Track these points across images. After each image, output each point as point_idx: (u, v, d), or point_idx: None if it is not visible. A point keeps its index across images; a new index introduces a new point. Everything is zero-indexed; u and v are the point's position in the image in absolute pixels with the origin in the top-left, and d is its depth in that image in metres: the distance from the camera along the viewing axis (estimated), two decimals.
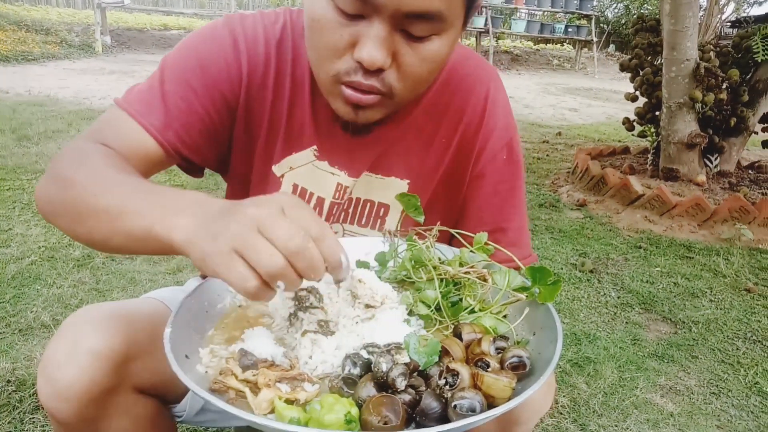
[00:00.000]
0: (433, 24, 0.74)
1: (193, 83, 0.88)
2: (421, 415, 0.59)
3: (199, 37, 0.92)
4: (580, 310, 2.43)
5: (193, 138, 0.90)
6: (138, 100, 0.88)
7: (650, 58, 4.29)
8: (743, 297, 2.66)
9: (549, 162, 5.03)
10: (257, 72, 0.92)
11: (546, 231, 3.34)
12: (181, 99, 0.88)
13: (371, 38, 0.73)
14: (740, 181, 4.04)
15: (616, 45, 17.24)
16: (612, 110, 8.75)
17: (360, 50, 0.74)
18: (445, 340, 0.69)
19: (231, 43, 0.90)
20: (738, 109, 3.87)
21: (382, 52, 0.74)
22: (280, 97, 0.94)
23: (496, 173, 0.99)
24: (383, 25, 0.73)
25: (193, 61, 0.89)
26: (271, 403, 0.59)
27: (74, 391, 0.72)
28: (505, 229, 0.97)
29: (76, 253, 2.51)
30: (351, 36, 0.75)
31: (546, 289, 0.76)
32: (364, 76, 0.78)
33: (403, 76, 0.79)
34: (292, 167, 0.97)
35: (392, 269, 0.89)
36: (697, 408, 1.85)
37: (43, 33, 9.67)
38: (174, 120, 0.87)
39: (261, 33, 0.92)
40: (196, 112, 0.89)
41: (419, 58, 0.78)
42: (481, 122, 0.97)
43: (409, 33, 0.75)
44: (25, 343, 1.85)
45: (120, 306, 0.85)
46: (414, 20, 0.73)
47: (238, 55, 0.90)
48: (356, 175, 0.98)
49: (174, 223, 0.64)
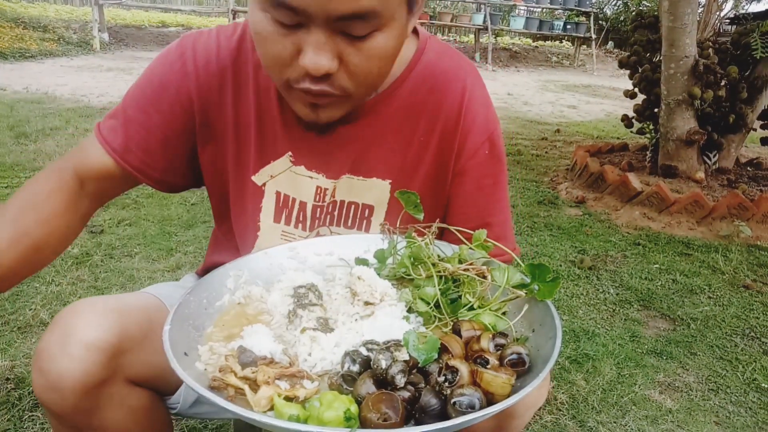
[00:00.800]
0: (370, 22, 0.74)
1: (147, 108, 0.93)
2: (420, 412, 0.59)
3: (155, 62, 0.96)
4: (579, 307, 2.43)
5: (157, 160, 0.95)
6: (107, 126, 0.94)
7: (649, 55, 4.28)
8: (741, 294, 2.67)
9: (548, 159, 5.03)
10: (211, 90, 0.94)
11: (545, 228, 3.34)
12: (139, 125, 0.92)
13: (312, 45, 0.74)
14: (739, 178, 4.05)
15: (614, 42, 17.22)
16: (611, 107, 8.75)
17: (303, 58, 0.75)
18: (445, 337, 0.69)
19: (180, 67, 0.93)
20: (737, 105, 3.87)
21: (325, 57, 0.75)
22: (244, 109, 0.95)
23: (479, 168, 0.99)
24: (321, 31, 0.74)
25: (148, 87, 0.94)
26: (270, 401, 0.59)
27: (68, 382, 0.73)
28: (491, 223, 0.97)
29: (74, 251, 2.51)
30: (293, 44, 0.76)
31: (545, 286, 0.76)
32: (313, 81, 0.78)
33: (352, 75, 0.79)
34: (272, 175, 0.98)
35: (391, 266, 0.89)
36: (696, 404, 1.85)
37: (41, 30, 9.64)
38: (134, 144, 0.92)
39: (213, 50, 0.94)
40: (155, 136, 0.93)
41: (365, 56, 0.78)
42: (459, 118, 0.97)
43: (349, 34, 0.75)
44: (23, 341, 1.85)
45: (114, 299, 0.86)
46: (349, 21, 0.73)
47: (186, 77, 0.92)
48: (335, 177, 0.98)
49: None
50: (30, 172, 3.43)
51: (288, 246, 0.93)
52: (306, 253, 0.93)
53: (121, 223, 2.87)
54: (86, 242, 2.61)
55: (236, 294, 0.82)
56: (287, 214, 1.00)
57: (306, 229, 1.00)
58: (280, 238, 1.00)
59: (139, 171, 0.94)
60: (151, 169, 0.95)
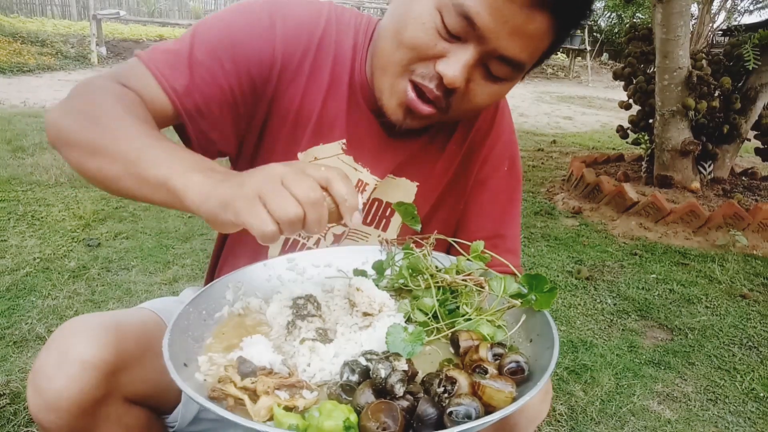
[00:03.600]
0: (510, 70, 0.82)
1: (222, 57, 0.86)
2: (417, 421, 0.59)
3: (236, 13, 0.90)
4: (577, 318, 2.43)
5: (213, 111, 0.88)
6: (164, 60, 0.85)
7: (643, 66, 4.32)
8: (738, 303, 2.67)
9: (544, 170, 5.05)
10: (293, 59, 0.91)
11: (542, 238, 3.35)
12: (207, 70, 0.86)
13: (460, 60, 0.79)
14: (734, 188, 4.07)
15: (609, 53, 17.35)
16: (606, 118, 8.80)
17: (446, 66, 0.79)
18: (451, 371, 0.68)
19: (268, 26, 0.89)
20: (730, 116, 3.90)
21: (463, 75, 0.80)
22: (316, 89, 0.94)
23: (498, 182, 1.04)
24: (475, 53, 0.79)
25: (225, 36, 0.87)
26: (270, 411, 0.59)
27: (64, 401, 0.72)
28: (504, 235, 1.01)
29: (71, 265, 2.50)
30: (442, 50, 0.79)
31: (542, 296, 0.77)
32: (437, 86, 0.82)
33: (465, 101, 0.85)
34: (317, 157, 0.98)
35: (390, 277, 0.90)
36: (694, 415, 1.85)
37: (39, 44, 9.68)
38: (196, 89, 0.86)
39: (306, 21, 0.92)
40: (221, 87, 0.87)
41: (486, 93, 0.85)
42: (491, 129, 1.03)
43: (488, 70, 0.82)
44: (19, 355, 1.84)
45: (110, 316, 0.85)
46: (499, 61, 0.80)
47: (273, 39, 0.89)
48: (381, 176, 1.00)
49: (191, 179, 0.66)
50: (27, 186, 3.43)
51: (287, 257, 0.93)
52: (304, 265, 0.93)
53: (118, 236, 2.87)
54: (83, 255, 2.61)
55: (235, 305, 0.83)
56: None
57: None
58: None
59: (191, 118, 0.87)
60: (202, 118, 0.88)
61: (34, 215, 3.02)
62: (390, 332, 0.70)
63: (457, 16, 0.76)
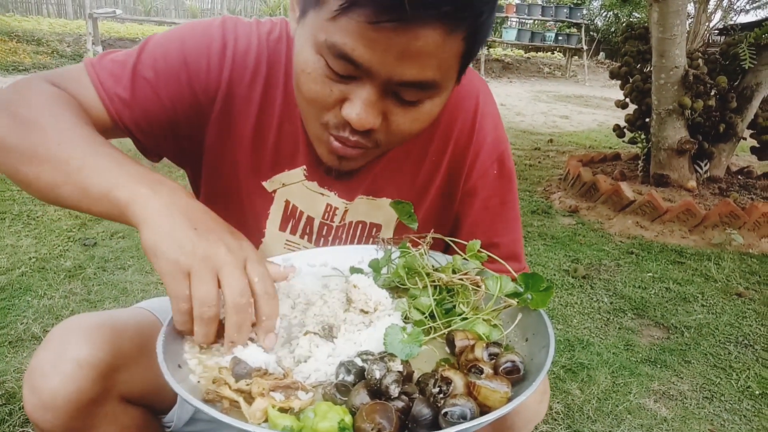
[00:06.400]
0: (425, 91, 0.73)
1: (168, 74, 0.85)
2: (412, 422, 0.59)
3: (190, 31, 0.88)
4: (573, 316, 2.44)
5: (152, 127, 0.86)
6: (108, 70, 0.84)
7: (639, 65, 4.33)
8: (734, 301, 2.68)
9: (541, 169, 5.05)
10: (242, 83, 0.89)
11: (538, 237, 3.35)
12: (150, 86, 0.84)
13: (362, 100, 0.71)
14: (730, 187, 4.08)
15: (606, 53, 17.39)
16: (602, 117, 8.81)
17: (349, 110, 0.72)
18: (446, 371, 0.68)
19: (219, 47, 0.87)
20: (726, 115, 3.91)
21: (371, 114, 0.72)
22: (268, 113, 0.91)
23: (486, 189, 0.99)
24: (375, 89, 0.71)
25: (174, 52, 0.85)
26: (265, 412, 0.59)
27: (60, 401, 0.72)
28: (497, 244, 0.97)
29: (67, 264, 2.50)
30: (341, 92, 0.73)
31: (538, 295, 0.76)
32: (351, 133, 0.76)
33: (391, 133, 0.78)
34: (285, 183, 0.96)
35: (386, 276, 0.90)
36: (690, 413, 1.85)
37: (35, 43, 9.64)
38: (137, 104, 0.84)
39: (254, 43, 0.89)
40: (161, 104, 0.85)
41: (410, 119, 0.76)
42: (471, 137, 0.96)
43: (401, 97, 0.73)
44: (15, 355, 1.84)
45: (107, 315, 0.85)
46: (406, 87, 0.71)
47: (222, 61, 0.87)
48: (349, 198, 0.97)
49: (136, 193, 0.65)
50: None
51: (282, 257, 0.93)
52: (300, 264, 0.93)
53: (114, 236, 2.86)
54: (79, 255, 2.60)
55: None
56: (293, 224, 0.99)
57: (312, 242, 1.00)
58: (284, 247, 1.00)
59: (131, 132, 0.86)
60: (142, 133, 0.87)
61: (30, 215, 3.01)
62: (388, 333, 0.69)
63: (336, 58, 0.68)
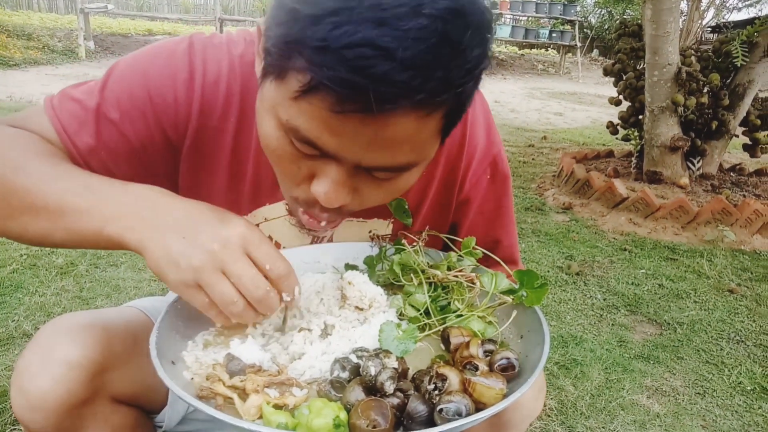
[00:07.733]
0: (396, 173, 0.67)
1: (133, 113, 0.79)
2: (407, 419, 0.59)
3: (154, 59, 0.81)
4: (567, 313, 2.44)
5: (121, 167, 0.81)
6: (70, 112, 0.78)
7: (633, 62, 4.34)
8: (726, 298, 2.70)
9: (534, 166, 5.06)
10: (213, 114, 0.82)
11: (532, 234, 3.36)
12: (115, 127, 0.78)
13: (331, 180, 0.64)
14: (722, 184, 4.10)
15: (599, 50, 17.44)
16: (596, 114, 8.84)
17: (318, 188, 0.65)
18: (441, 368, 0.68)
19: (186, 78, 0.80)
20: (719, 112, 3.93)
21: (341, 193, 0.66)
22: (244, 144, 0.85)
23: (480, 195, 0.97)
24: (344, 169, 0.64)
25: (138, 88, 0.79)
26: (259, 409, 0.59)
27: (48, 402, 0.71)
28: (493, 249, 0.97)
29: (59, 261, 2.48)
30: (309, 169, 0.66)
31: (533, 292, 0.77)
32: (321, 210, 0.71)
33: (365, 203, 0.72)
34: (267, 218, 0.93)
35: (381, 273, 0.89)
36: (683, 408, 1.86)
37: (25, 38, 9.55)
38: (103, 147, 0.78)
39: (224, 70, 0.81)
40: (129, 145, 0.80)
41: (384, 192, 0.70)
42: (462, 146, 0.92)
43: (374, 175, 0.66)
44: (5, 353, 1.82)
45: (97, 315, 0.83)
46: (379, 171, 0.65)
47: (190, 93, 0.80)
48: (336, 226, 0.93)
49: (123, 226, 0.65)
50: None
51: None
52: (294, 261, 0.92)
53: None
54: (71, 252, 2.58)
55: None
56: None
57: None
58: None
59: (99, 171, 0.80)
60: (111, 174, 0.79)
61: None
62: (383, 330, 0.69)
63: (300, 141, 0.62)
